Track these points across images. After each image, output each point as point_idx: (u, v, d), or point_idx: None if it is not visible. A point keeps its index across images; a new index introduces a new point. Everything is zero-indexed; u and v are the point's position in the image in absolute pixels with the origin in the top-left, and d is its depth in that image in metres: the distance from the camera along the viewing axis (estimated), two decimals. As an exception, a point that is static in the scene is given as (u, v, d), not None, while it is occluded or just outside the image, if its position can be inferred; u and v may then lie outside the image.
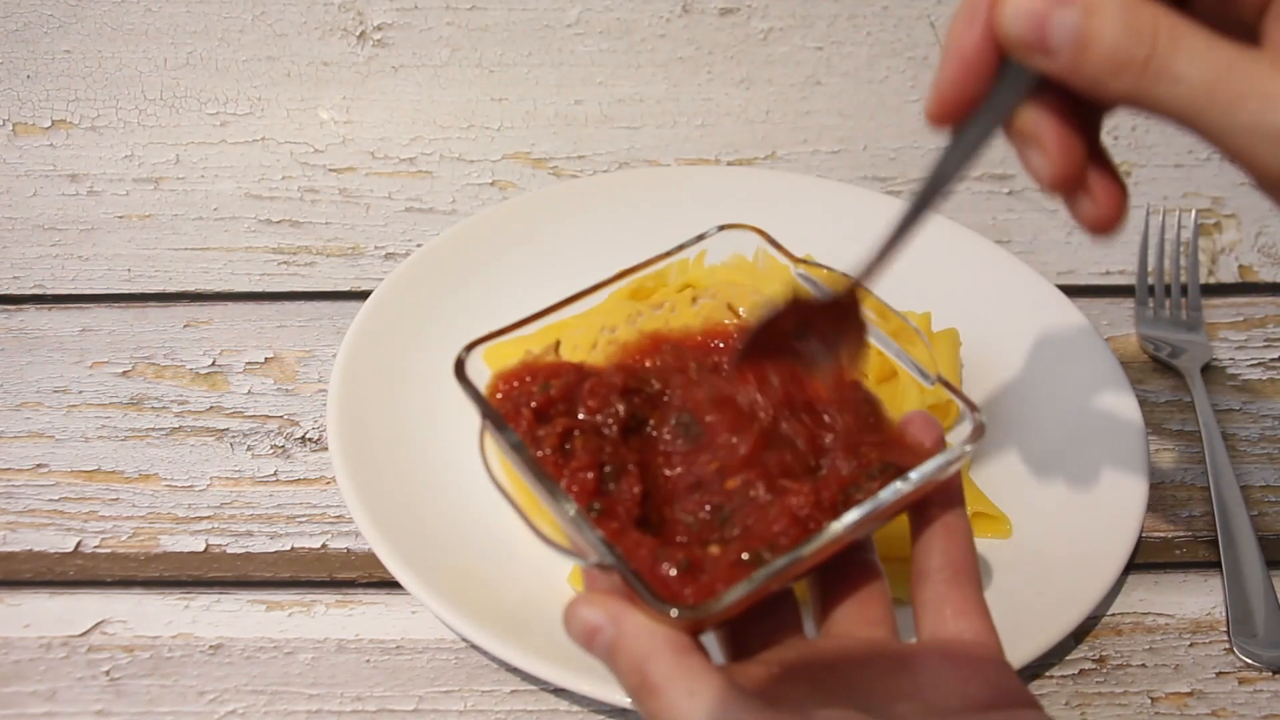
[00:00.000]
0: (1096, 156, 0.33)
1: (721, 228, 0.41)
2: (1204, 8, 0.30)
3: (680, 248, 0.40)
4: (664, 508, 0.35)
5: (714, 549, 0.33)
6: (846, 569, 0.35)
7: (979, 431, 0.35)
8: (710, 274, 0.42)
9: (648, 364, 0.39)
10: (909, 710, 0.30)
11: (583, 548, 0.33)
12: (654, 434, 0.37)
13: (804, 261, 0.40)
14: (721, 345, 0.40)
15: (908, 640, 0.34)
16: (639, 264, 0.40)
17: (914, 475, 0.34)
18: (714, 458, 0.35)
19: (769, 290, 0.40)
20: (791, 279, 0.40)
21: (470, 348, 0.36)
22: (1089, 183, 0.32)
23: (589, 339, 0.39)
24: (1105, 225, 0.33)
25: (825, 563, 0.34)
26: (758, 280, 0.41)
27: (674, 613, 0.30)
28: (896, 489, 0.33)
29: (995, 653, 0.33)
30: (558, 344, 0.38)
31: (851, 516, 0.33)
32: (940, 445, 0.35)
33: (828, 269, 0.39)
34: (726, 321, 0.40)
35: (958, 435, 0.35)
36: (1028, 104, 0.31)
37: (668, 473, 0.36)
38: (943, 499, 0.35)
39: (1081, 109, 0.31)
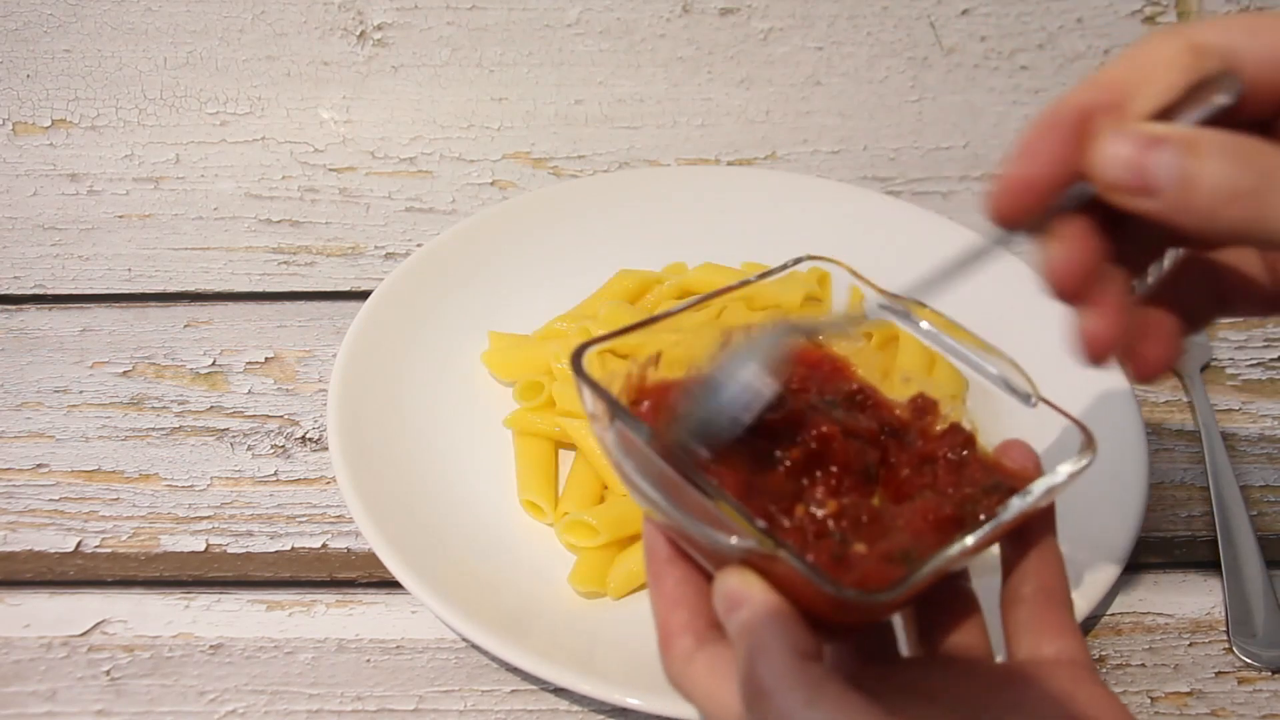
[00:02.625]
0: (1123, 288, 0.32)
1: (809, 258, 0.41)
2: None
3: (769, 272, 0.40)
4: (798, 509, 0.35)
5: (859, 547, 0.33)
6: (946, 597, 0.36)
7: (1088, 449, 0.35)
8: (779, 297, 0.41)
9: None
10: None
11: (739, 534, 0.31)
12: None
13: (892, 294, 0.40)
14: (812, 369, 0.39)
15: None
16: (732, 285, 0.39)
17: (1035, 489, 0.33)
18: (839, 470, 0.35)
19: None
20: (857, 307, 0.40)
21: (584, 348, 0.35)
22: (1097, 299, 0.32)
23: (682, 355, 0.38)
24: (1098, 348, 0.32)
25: (940, 582, 0.34)
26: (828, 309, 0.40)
27: (850, 594, 0.30)
28: (1017, 505, 0.33)
29: (1091, 672, 0.33)
30: (659, 356, 0.37)
31: (985, 528, 0.32)
32: (1039, 470, 0.35)
33: (913, 301, 0.39)
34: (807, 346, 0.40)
35: (1053, 458, 0.35)
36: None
37: (804, 480, 0.35)
38: (1039, 525, 0.35)
39: (1117, 235, 0.31)
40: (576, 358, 0.34)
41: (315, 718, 0.45)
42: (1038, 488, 0.34)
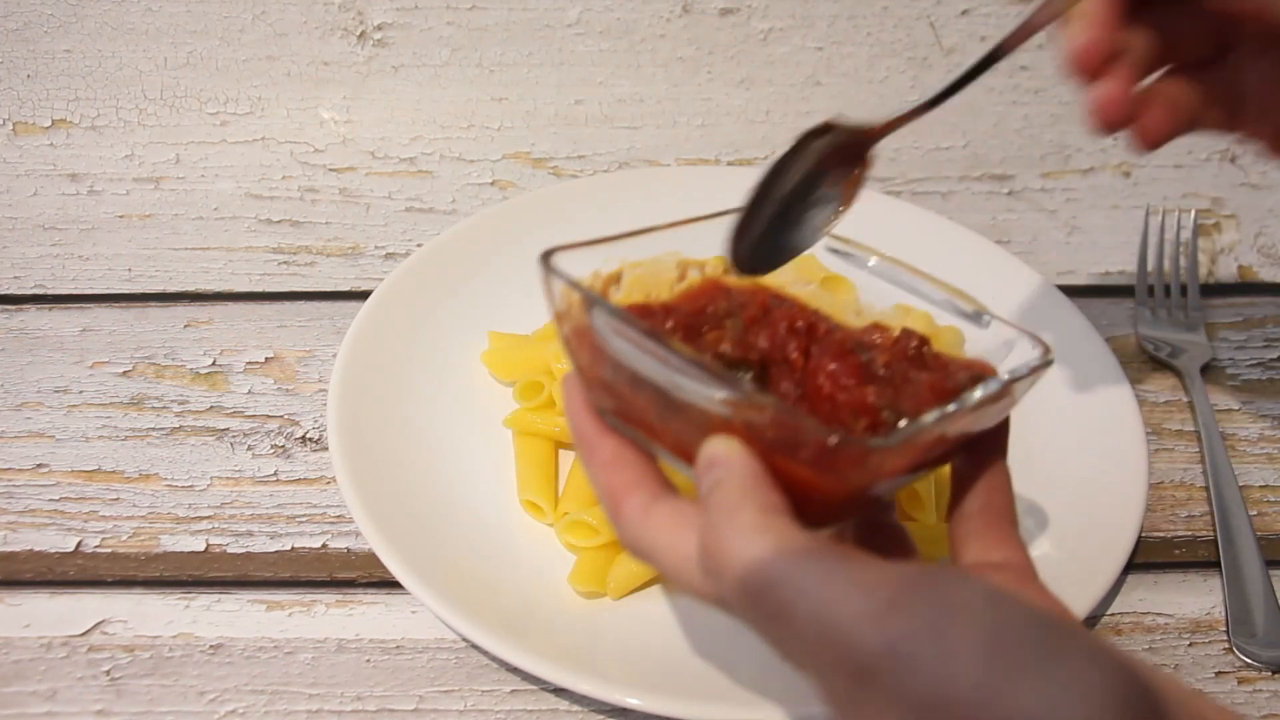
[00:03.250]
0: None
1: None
2: None
3: (718, 214, 0.41)
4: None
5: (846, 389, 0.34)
6: (884, 537, 0.37)
7: (1046, 353, 0.36)
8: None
9: (711, 306, 0.40)
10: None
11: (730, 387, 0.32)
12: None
13: (839, 238, 0.42)
14: (772, 298, 0.41)
15: None
16: (697, 217, 0.41)
17: (1005, 376, 0.35)
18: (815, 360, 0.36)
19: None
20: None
21: (553, 250, 0.36)
22: (1109, 75, 0.36)
23: (641, 280, 0.40)
24: (1108, 115, 0.37)
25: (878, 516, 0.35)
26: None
27: (833, 439, 0.30)
28: (984, 390, 0.34)
29: (1035, 577, 0.34)
30: (620, 275, 0.39)
31: (978, 393, 0.34)
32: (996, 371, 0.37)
33: (860, 244, 0.42)
34: (756, 284, 0.42)
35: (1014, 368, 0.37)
36: None
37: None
38: (990, 445, 0.36)
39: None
40: (547, 256, 0.35)
41: (315, 718, 0.45)
42: (1004, 377, 0.35)
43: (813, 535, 0.30)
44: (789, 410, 0.31)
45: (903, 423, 0.33)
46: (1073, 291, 0.61)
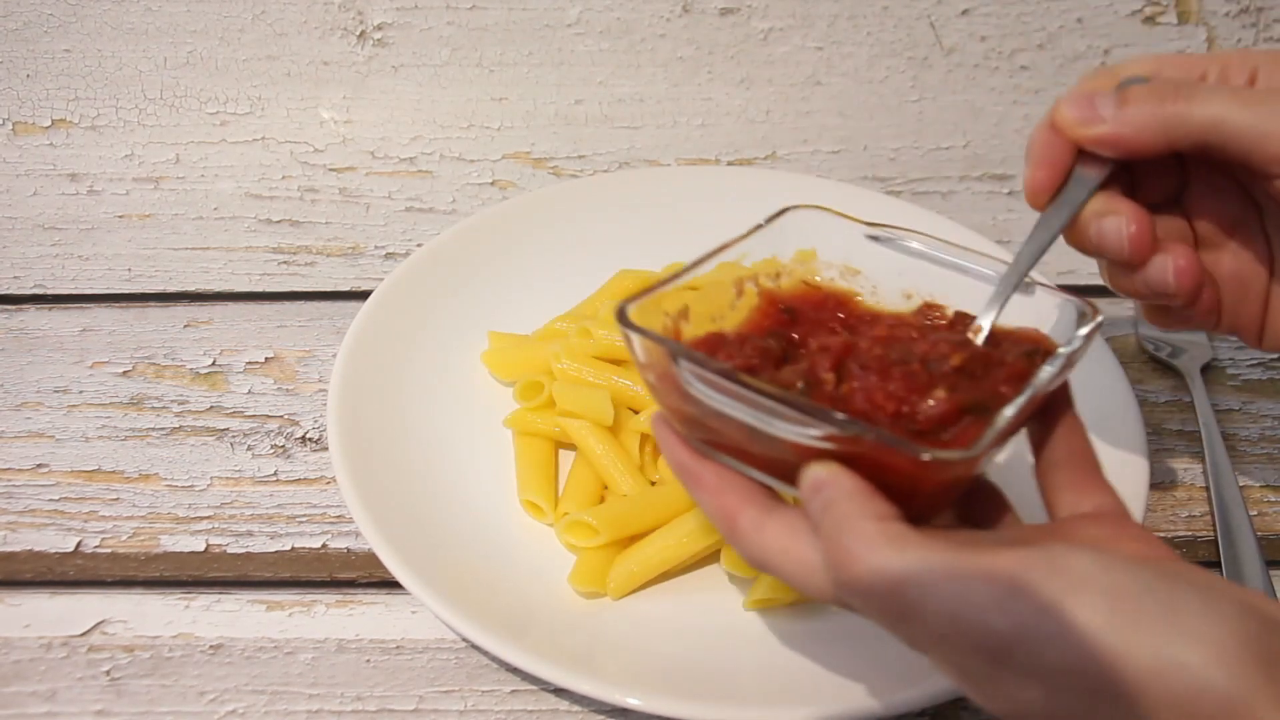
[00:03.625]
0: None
1: (793, 208, 0.43)
2: None
3: (759, 227, 0.42)
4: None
5: (930, 402, 0.35)
6: (980, 498, 0.38)
7: (1095, 313, 0.38)
8: (772, 249, 0.44)
9: (781, 325, 0.41)
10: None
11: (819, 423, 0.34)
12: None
13: (877, 224, 0.43)
14: (816, 308, 0.42)
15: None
16: (727, 243, 0.42)
17: (1063, 352, 0.37)
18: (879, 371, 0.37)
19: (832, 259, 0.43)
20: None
21: (626, 304, 0.38)
22: (1164, 246, 0.41)
23: (705, 310, 0.41)
24: (1187, 280, 0.41)
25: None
26: (812, 258, 0.44)
27: (926, 456, 0.32)
28: (1049, 369, 0.36)
29: (1130, 519, 0.36)
30: (687, 310, 0.40)
31: (1047, 371, 0.35)
32: (1048, 339, 0.39)
33: (898, 227, 0.43)
34: (809, 286, 0.43)
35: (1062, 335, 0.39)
36: (1097, 194, 0.41)
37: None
38: (1060, 400, 0.38)
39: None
40: (622, 313, 0.37)
41: (315, 718, 0.45)
42: (1063, 351, 0.37)
43: (928, 532, 0.32)
44: (882, 434, 0.33)
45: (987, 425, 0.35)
46: (1073, 291, 0.61)
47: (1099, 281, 0.66)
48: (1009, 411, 0.34)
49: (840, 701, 0.42)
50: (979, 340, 0.38)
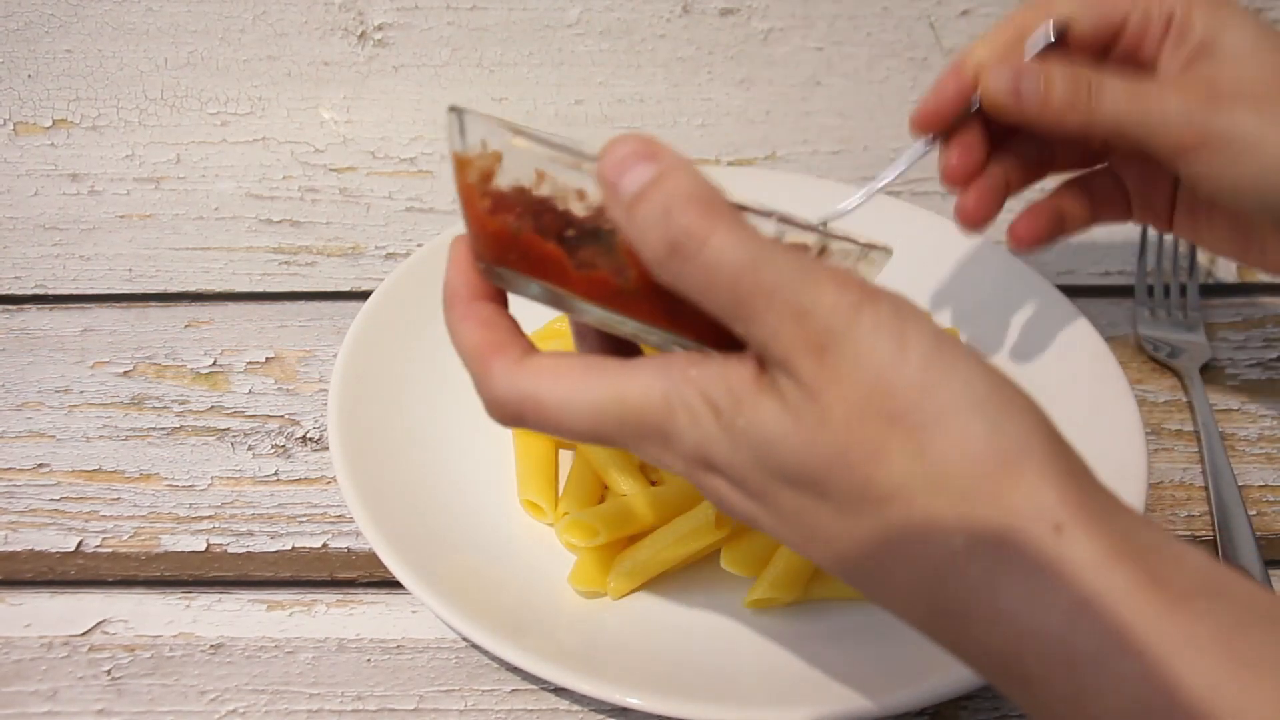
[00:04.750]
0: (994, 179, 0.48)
1: None
2: (1116, 60, 0.45)
3: None
4: None
5: None
6: None
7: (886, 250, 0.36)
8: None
9: None
10: None
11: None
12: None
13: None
14: None
15: None
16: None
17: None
18: None
19: None
20: None
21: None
22: (973, 187, 0.48)
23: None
24: (971, 220, 0.48)
25: None
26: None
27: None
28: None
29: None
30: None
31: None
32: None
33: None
34: None
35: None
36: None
37: None
38: None
39: (993, 145, 0.48)
40: (456, 107, 0.33)
41: (315, 717, 0.45)
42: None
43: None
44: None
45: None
46: (1073, 291, 0.61)
47: (1099, 282, 0.67)
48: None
49: (840, 701, 0.42)
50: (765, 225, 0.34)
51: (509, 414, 0.33)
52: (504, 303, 0.36)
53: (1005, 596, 0.26)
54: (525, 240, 0.33)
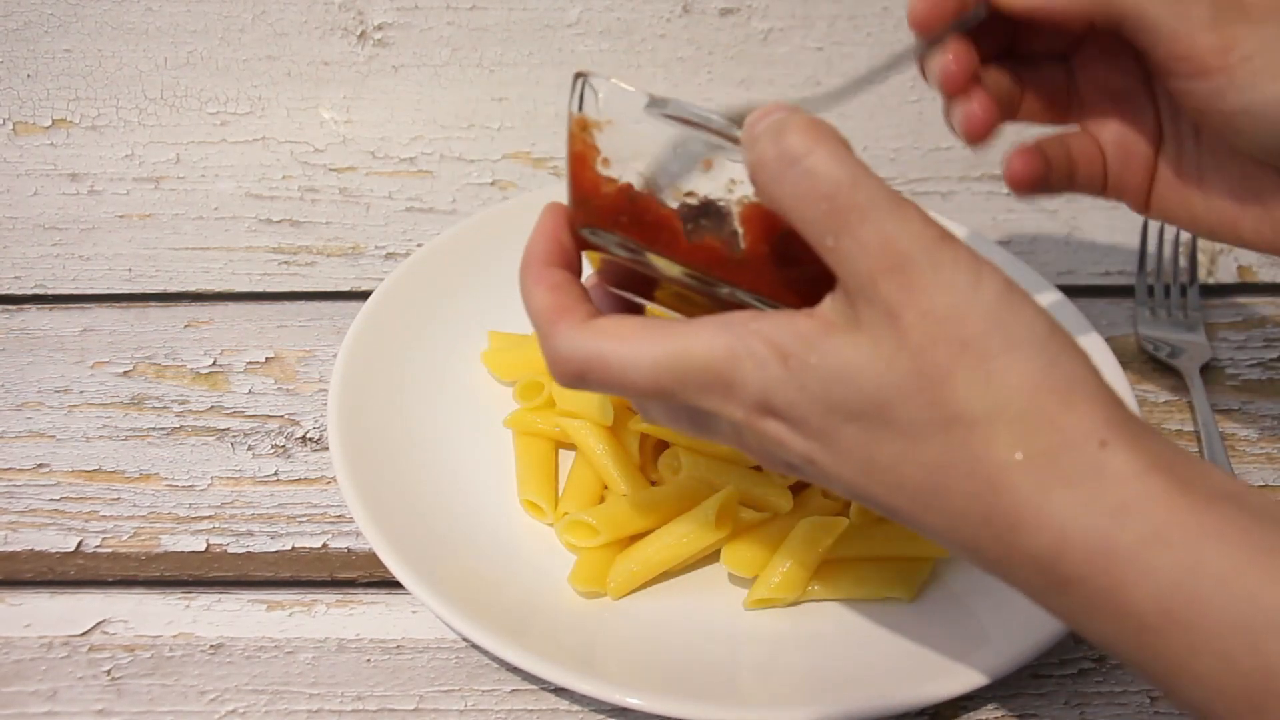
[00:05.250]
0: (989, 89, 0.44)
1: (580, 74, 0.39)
2: None
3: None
4: None
5: None
6: None
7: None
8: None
9: None
10: None
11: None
12: None
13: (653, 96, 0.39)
14: None
15: None
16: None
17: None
18: None
19: None
20: None
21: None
22: (971, 95, 0.43)
23: None
24: (975, 132, 0.44)
25: None
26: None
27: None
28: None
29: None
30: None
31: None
32: None
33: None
34: None
35: None
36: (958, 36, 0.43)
37: None
38: None
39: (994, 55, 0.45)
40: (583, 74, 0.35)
41: (315, 717, 0.45)
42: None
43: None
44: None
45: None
46: (1073, 291, 0.61)
47: (1099, 282, 0.67)
48: None
49: (840, 701, 0.42)
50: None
51: (572, 372, 0.34)
52: (577, 271, 0.38)
53: (1054, 503, 0.29)
54: (641, 204, 0.35)
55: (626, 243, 0.36)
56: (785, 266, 0.34)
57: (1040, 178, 0.45)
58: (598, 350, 0.34)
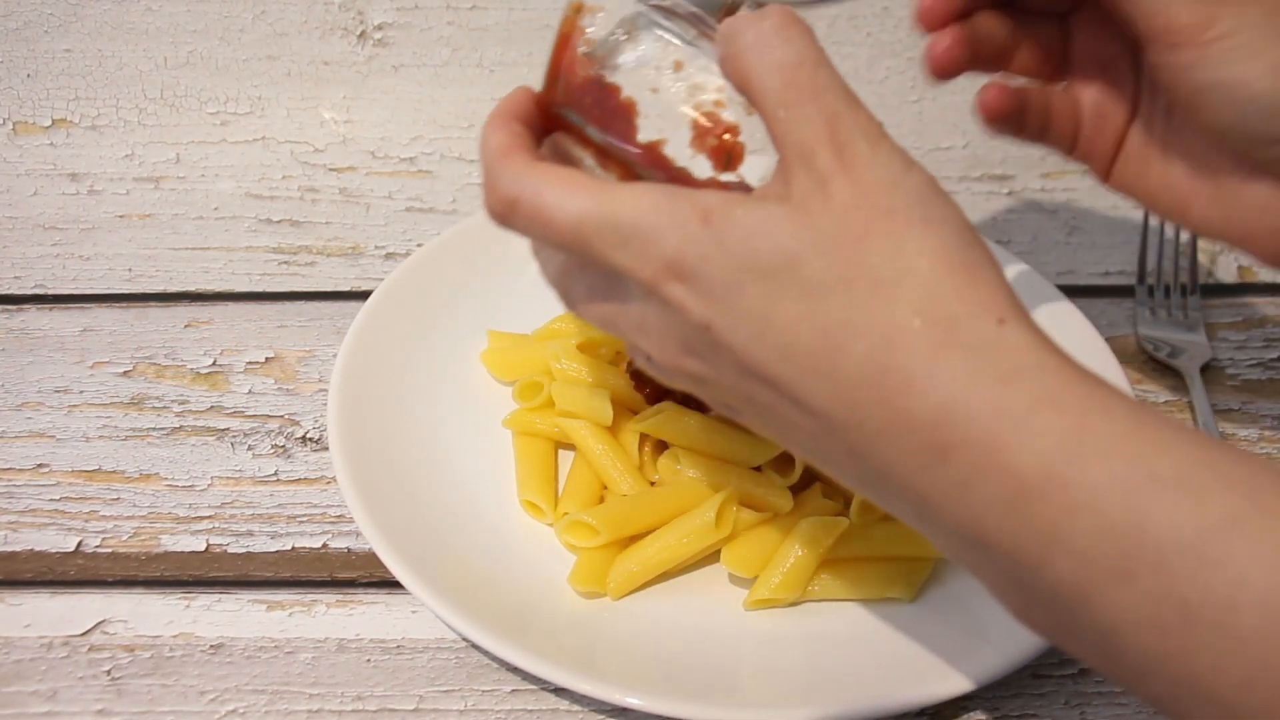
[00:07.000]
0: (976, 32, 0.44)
1: None
2: None
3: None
4: None
5: None
6: None
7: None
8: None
9: None
10: None
11: None
12: None
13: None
14: None
15: None
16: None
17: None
18: None
19: None
20: None
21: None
22: (947, 31, 0.43)
23: None
24: (936, 62, 0.44)
25: None
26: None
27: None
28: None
29: None
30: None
31: None
32: None
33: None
34: None
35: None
36: None
37: None
38: None
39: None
40: None
41: (315, 717, 0.45)
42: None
43: None
44: None
45: None
46: (1073, 291, 0.61)
47: (1099, 282, 0.67)
48: None
49: (840, 701, 0.42)
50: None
51: (505, 201, 0.35)
52: (538, 136, 0.38)
53: (947, 365, 0.30)
54: (607, 92, 0.37)
55: (587, 126, 0.38)
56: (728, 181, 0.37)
57: (1011, 114, 0.46)
58: (534, 186, 0.34)
